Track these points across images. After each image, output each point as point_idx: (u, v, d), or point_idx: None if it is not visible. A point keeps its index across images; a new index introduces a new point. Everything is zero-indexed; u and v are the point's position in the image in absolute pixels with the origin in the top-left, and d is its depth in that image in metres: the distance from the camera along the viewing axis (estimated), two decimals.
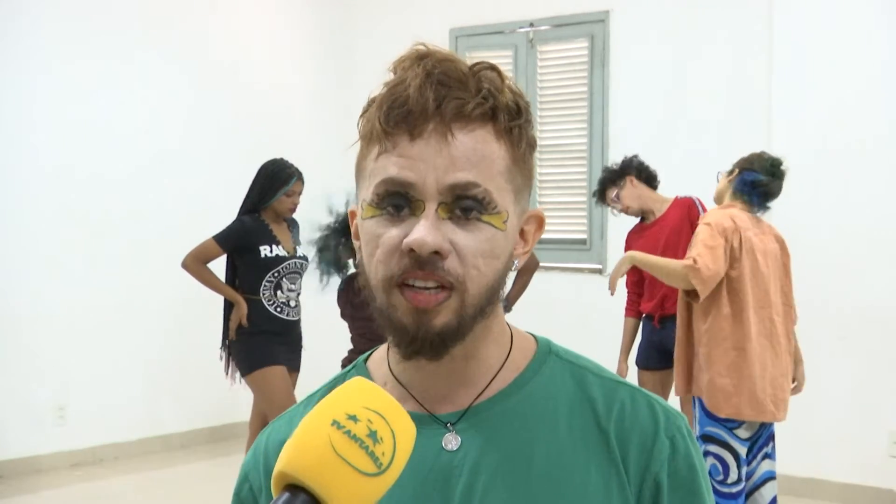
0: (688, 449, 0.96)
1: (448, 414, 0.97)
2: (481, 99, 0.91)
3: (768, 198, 3.69)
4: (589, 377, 0.99)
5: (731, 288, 3.53)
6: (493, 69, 0.94)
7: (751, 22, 5.63)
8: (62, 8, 5.67)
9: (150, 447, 6.06)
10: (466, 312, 0.91)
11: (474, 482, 0.93)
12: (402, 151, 0.90)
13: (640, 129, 5.92)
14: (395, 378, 1.00)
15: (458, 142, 0.90)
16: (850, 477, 5.20)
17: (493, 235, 0.92)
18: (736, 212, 3.61)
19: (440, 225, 0.89)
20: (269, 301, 4.55)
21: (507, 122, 0.93)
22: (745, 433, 3.56)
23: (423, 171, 0.89)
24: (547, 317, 5.36)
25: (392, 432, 0.77)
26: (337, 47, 7.12)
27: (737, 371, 3.50)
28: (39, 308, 5.54)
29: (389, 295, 0.91)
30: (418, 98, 0.89)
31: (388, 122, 0.90)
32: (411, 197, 0.90)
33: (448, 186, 0.89)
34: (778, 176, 3.69)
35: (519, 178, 0.95)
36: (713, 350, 3.54)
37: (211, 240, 4.54)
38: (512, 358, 0.99)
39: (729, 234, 3.50)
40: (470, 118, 0.90)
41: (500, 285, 0.95)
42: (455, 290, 0.90)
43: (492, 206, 0.91)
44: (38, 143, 5.57)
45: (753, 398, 3.51)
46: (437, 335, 0.91)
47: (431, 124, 0.90)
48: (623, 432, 0.94)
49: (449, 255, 0.90)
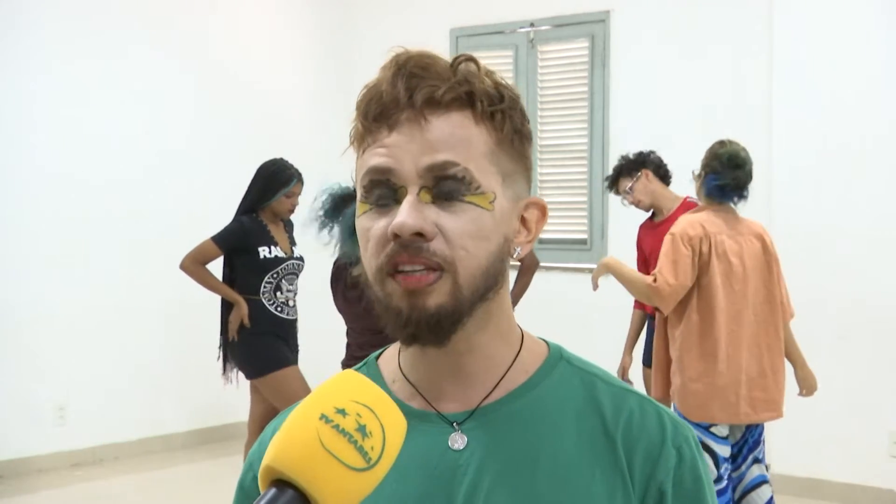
0: (694, 460, 0.96)
1: (455, 413, 0.97)
2: (454, 84, 0.92)
3: (741, 190, 3.61)
4: (598, 384, 0.99)
5: (700, 294, 3.52)
6: (470, 60, 0.94)
7: (751, 22, 5.62)
8: (62, 8, 5.67)
9: (150, 447, 6.06)
10: (461, 294, 0.91)
11: (479, 482, 0.93)
12: (381, 143, 0.92)
13: (641, 129, 5.91)
14: (403, 375, 1.00)
15: (432, 126, 0.91)
16: (850, 477, 5.19)
17: (480, 216, 0.92)
18: (706, 216, 3.59)
19: (422, 208, 0.90)
20: (269, 301, 4.54)
21: (486, 107, 0.93)
22: (723, 431, 3.55)
23: (400, 157, 0.91)
24: (547, 317, 5.34)
25: (381, 426, 0.76)
26: (337, 47, 7.11)
27: (706, 377, 3.50)
28: (39, 308, 5.54)
29: (384, 284, 0.92)
30: (390, 90, 0.91)
31: (367, 119, 0.93)
32: (393, 184, 0.91)
33: (426, 168, 0.90)
34: (739, 165, 3.59)
35: (506, 161, 0.95)
36: (684, 355, 3.55)
37: (209, 241, 4.52)
38: (521, 359, 0.99)
39: (695, 243, 3.49)
40: (443, 103, 0.91)
41: (497, 268, 0.95)
42: (446, 272, 0.90)
43: (474, 185, 0.91)
44: (38, 144, 5.57)
45: (725, 402, 3.50)
46: (433, 316, 0.90)
47: (405, 113, 0.91)
48: (630, 440, 0.95)
49: (434, 238, 0.90)
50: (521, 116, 0.97)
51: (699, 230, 3.52)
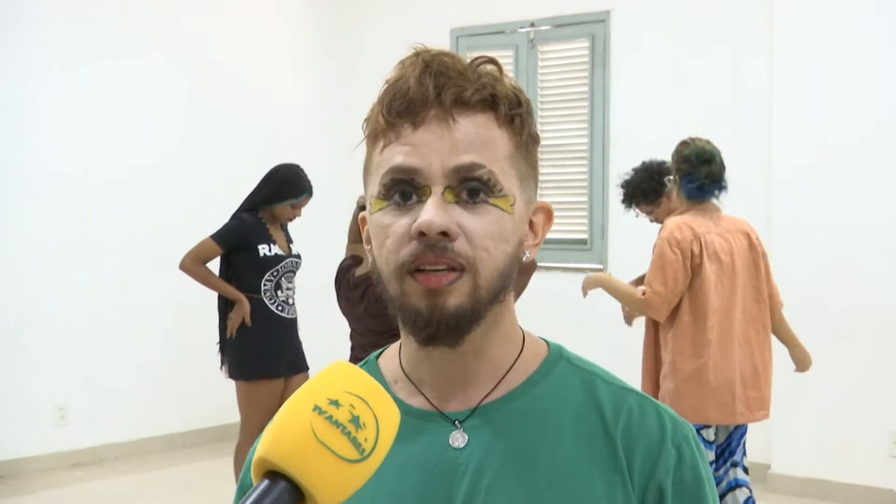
0: (694, 459, 0.96)
1: (456, 412, 0.97)
2: (480, 86, 0.92)
3: (718, 183, 3.59)
4: (598, 383, 0.99)
5: (692, 295, 3.51)
6: (492, 62, 0.95)
7: (751, 22, 5.62)
8: (62, 8, 5.67)
9: (151, 447, 6.05)
10: (480, 295, 0.92)
11: (479, 481, 0.93)
12: (405, 140, 0.92)
13: (641, 129, 5.91)
14: (405, 375, 1.01)
15: (460, 126, 0.91)
16: (850, 477, 5.18)
17: (502, 218, 0.93)
18: (691, 217, 3.57)
19: (447, 208, 0.90)
20: (270, 300, 4.52)
21: (507, 111, 0.94)
22: (711, 435, 3.55)
23: (427, 156, 0.91)
24: (547, 317, 5.34)
25: (375, 417, 0.76)
26: (337, 48, 7.12)
27: (701, 377, 3.49)
28: (39, 308, 5.54)
29: (402, 283, 0.92)
30: (418, 87, 0.91)
31: (391, 114, 0.92)
32: (417, 183, 0.91)
33: (453, 169, 0.91)
34: (708, 159, 3.54)
35: (523, 165, 0.96)
36: (676, 358, 3.54)
37: (209, 239, 4.48)
38: (522, 359, 1.00)
39: (685, 246, 3.48)
40: (470, 104, 0.92)
41: (511, 270, 0.95)
42: (466, 272, 0.91)
43: (498, 188, 0.92)
44: (38, 144, 5.57)
45: (721, 402, 3.50)
46: (452, 316, 0.90)
47: (433, 111, 0.91)
48: (630, 439, 0.95)
49: (458, 238, 0.90)
50: (534, 121, 0.98)
51: (688, 232, 3.50)
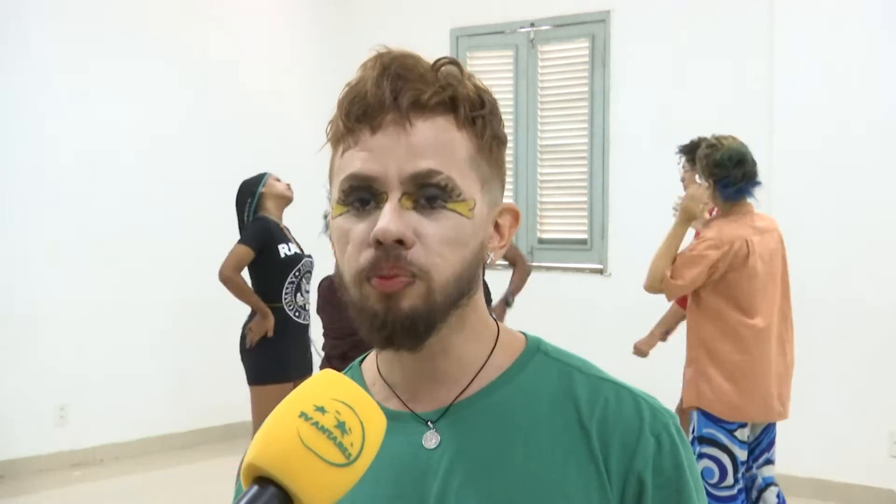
0: (675, 447, 0.94)
1: (429, 412, 0.97)
2: (438, 88, 0.91)
3: (754, 180, 3.58)
4: (575, 375, 0.97)
5: (740, 293, 3.51)
6: (453, 63, 0.94)
7: (752, 22, 5.61)
8: (62, 8, 5.68)
9: (151, 447, 6.07)
10: (435, 300, 0.91)
11: (449, 481, 0.93)
12: (364, 145, 0.91)
13: (641, 129, 5.91)
14: (381, 378, 1.01)
15: (416, 130, 0.91)
16: (850, 477, 5.19)
17: (459, 223, 0.92)
18: (736, 219, 3.57)
19: (404, 214, 0.90)
20: (290, 308, 4.43)
21: (468, 112, 0.93)
22: (745, 434, 3.55)
23: (385, 162, 0.90)
24: (547, 317, 5.35)
25: (361, 423, 0.77)
26: (337, 47, 7.11)
27: (743, 375, 3.50)
28: (40, 308, 5.55)
29: (361, 287, 0.92)
30: (375, 91, 0.91)
31: (349, 119, 0.92)
32: (375, 190, 0.91)
33: (410, 176, 0.90)
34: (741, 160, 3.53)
35: (485, 168, 0.95)
36: (718, 355, 3.53)
37: (239, 245, 4.36)
38: (495, 356, 0.99)
39: (730, 248, 3.47)
40: (427, 107, 0.91)
41: (470, 275, 0.94)
42: (419, 279, 0.90)
43: (456, 192, 0.91)
44: (38, 144, 5.57)
45: (761, 400, 3.51)
46: (407, 317, 0.90)
47: (390, 115, 0.91)
48: (605, 430, 0.93)
49: (413, 245, 0.90)
50: (500, 122, 0.97)
51: (735, 234, 3.51)
